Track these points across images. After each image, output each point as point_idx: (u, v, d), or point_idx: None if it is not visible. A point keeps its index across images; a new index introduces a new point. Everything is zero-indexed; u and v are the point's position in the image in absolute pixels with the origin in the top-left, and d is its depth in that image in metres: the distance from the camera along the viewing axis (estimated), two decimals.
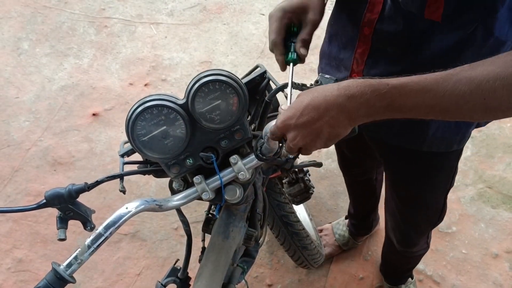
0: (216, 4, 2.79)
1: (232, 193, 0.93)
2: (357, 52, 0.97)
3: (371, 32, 0.91)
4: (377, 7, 0.87)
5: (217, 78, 0.81)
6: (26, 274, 1.91)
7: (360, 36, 0.94)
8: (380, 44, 0.92)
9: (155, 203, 0.86)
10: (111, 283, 1.88)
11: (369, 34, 0.92)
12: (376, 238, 1.97)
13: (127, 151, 0.96)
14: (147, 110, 0.81)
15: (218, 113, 0.84)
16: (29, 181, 2.13)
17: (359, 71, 0.98)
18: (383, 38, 0.90)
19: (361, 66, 0.98)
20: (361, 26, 0.92)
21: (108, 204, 2.05)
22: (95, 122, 2.32)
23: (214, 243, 0.99)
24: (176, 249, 1.96)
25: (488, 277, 1.86)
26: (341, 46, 1.03)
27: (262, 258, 1.92)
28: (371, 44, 0.93)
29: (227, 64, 2.52)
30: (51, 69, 2.52)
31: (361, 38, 0.94)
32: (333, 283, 1.87)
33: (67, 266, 0.78)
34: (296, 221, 1.48)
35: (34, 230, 2.00)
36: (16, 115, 2.34)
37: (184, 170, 0.89)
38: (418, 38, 0.85)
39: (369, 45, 0.94)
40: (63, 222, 0.85)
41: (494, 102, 0.60)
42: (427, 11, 0.78)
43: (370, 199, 1.79)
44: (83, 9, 2.77)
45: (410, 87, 0.64)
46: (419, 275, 1.87)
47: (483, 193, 2.05)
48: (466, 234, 1.96)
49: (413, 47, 0.87)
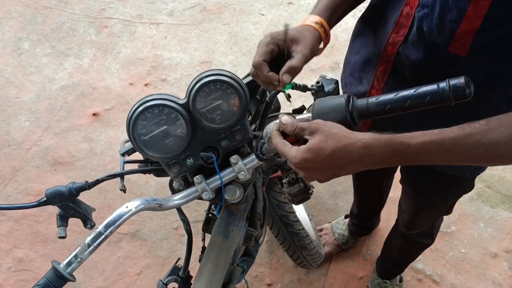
0: (216, 5, 2.79)
1: (232, 193, 0.94)
2: (378, 69, 0.96)
3: (394, 53, 0.90)
4: (403, 30, 0.85)
5: (218, 78, 0.82)
6: (27, 273, 1.91)
7: (383, 55, 0.93)
8: (401, 68, 0.91)
9: (155, 202, 0.87)
10: (111, 282, 1.89)
11: (392, 55, 0.90)
12: (376, 238, 1.97)
13: (127, 150, 0.96)
14: (148, 110, 0.81)
15: (219, 113, 0.84)
16: (29, 181, 2.13)
17: (379, 88, 0.97)
18: (404, 62, 0.89)
19: (381, 84, 0.97)
20: (385, 45, 0.91)
21: (109, 203, 2.06)
22: (95, 122, 2.32)
23: (214, 243, 1.00)
24: (176, 249, 1.96)
25: (487, 276, 1.86)
26: (365, 61, 1.02)
27: (262, 258, 1.93)
28: (393, 64, 0.92)
29: (227, 64, 2.52)
30: (52, 69, 2.52)
31: (383, 57, 0.93)
32: (332, 283, 1.88)
33: (67, 265, 0.78)
34: (296, 220, 1.49)
35: (35, 230, 2.01)
36: (16, 115, 2.35)
37: (184, 170, 0.89)
38: (438, 69, 0.83)
39: (391, 66, 0.92)
40: (64, 220, 0.86)
41: (508, 160, 0.65)
42: (453, 44, 0.76)
43: (376, 203, 1.79)
44: (83, 9, 2.78)
45: (428, 148, 0.66)
46: (418, 275, 1.88)
47: (482, 192, 2.06)
48: (465, 233, 1.96)
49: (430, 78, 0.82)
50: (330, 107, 0.73)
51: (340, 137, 0.68)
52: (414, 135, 0.67)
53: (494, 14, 0.68)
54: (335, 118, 0.72)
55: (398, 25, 0.86)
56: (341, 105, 0.72)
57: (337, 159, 0.68)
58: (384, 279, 1.78)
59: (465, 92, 0.64)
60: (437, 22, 0.76)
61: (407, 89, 0.70)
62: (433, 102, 0.67)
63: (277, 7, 2.79)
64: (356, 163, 0.69)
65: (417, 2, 0.79)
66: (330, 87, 0.84)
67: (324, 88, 0.84)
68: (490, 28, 0.71)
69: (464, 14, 0.71)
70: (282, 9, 2.78)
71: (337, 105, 0.73)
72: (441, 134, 0.65)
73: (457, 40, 0.75)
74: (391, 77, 0.94)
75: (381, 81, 0.96)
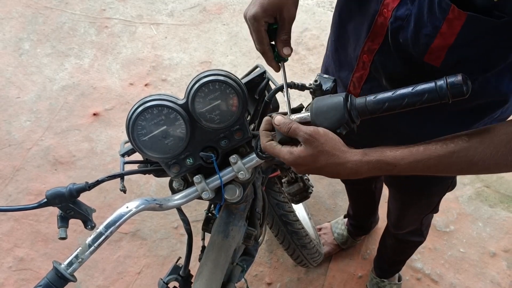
0: (215, 5, 2.80)
1: (231, 192, 0.94)
2: (354, 75, 0.96)
3: (370, 60, 0.90)
4: (379, 38, 0.85)
5: (217, 78, 0.82)
6: (27, 272, 1.92)
7: (359, 62, 0.93)
8: (377, 75, 0.91)
9: (155, 202, 0.87)
10: (111, 281, 1.90)
11: (368, 62, 0.90)
12: (375, 237, 1.98)
13: (127, 150, 0.97)
14: (148, 110, 0.82)
15: (218, 113, 0.85)
16: (30, 180, 2.14)
17: (355, 94, 0.97)
18: (380, 70, 0.89)
19: (357, 90, 0.97)
20: (361, 52, 0.91)
21: (109, 203, 2.06)
22: (96, 122, 2.33)
23: (214, 242, 1.00)
24: (176, 248, 1.97)
25: (486, 275, 1.87)
26: (341, 65, 1.02)
27: (262, 257, 1.94)
28: (369, 72, 0.92)
29: (227, 64, 2.53)
30: (52, 69, 2.53)
31: (359, 64, 0.93)
32: (332, 282, 1.88)
33: (68, 265, 0.79)
34: (295, 220, 1.49)
35: (35, 229, 2.01)
36: (17, 115, 2.35)
37: (184, 170, 0.90)
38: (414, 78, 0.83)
39: (367, 72, 0.92)
40: (64, 221, 0.86)
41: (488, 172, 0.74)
42: (427, 56, 0.77)
43: (369, 204, 1.80)
44: (83, 9, 2.78)
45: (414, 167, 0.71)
46: (417, 274, 1.89)
47: (481, 192, 2.06)
48: (464, 233, 1.97)
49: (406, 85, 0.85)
50: (329, 106, 0.74)
51: (331, 155, 0.72)
52: (402, 155, 0.71)
53: (466, 33, 0.69)
54: (333, 116, 0.73)
55: (374, 32, 0.85)
56: (339, 103, 0.73)
57: (327, 172, 0.74)
58: (382, 278, 1.79)
59: (463, 89, 0.65)
60: (412, 36, 0.76)
61: (404, 87, 0.70)
62: (431, 99, 0.68)
63: None
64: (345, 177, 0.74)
65: (390, 13, 0.79)
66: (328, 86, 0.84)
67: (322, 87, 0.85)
68: (462, 45, 0.72)
69: (438, 30, 0.72)
70: None
71: (335, 104, 0.73)
72: (426, 153, 0.70)
73: (430, 54, 0.76)
74: (367, 83, 0.94)
75: (357, 87, 0.97)
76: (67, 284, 0.79)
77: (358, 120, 0.74)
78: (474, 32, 0.69)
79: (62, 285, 0.78)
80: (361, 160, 0.71)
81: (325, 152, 0.71)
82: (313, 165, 0.73)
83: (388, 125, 0.96)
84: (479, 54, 0.74)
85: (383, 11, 0.81)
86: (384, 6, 0.80)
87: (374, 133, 0.99)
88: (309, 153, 0.71)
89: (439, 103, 0.67)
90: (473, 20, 0.67)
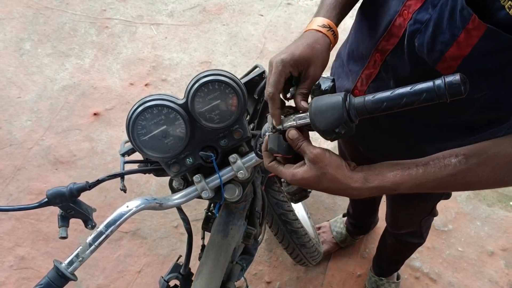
0: (215, 5, 2.80)
1: (231, 191, 0.95)
2: (364, 72, 0.96)
3: (381, 60, 0.89)
4: (394, 39, 0.85)
5: (216, 78, 0.83)
6: (28, 271, 1.93)
7: (371, 59, 0.92)
8: (386, 76, 0.90)
9: (155, 201, 0.88)
10: (112, 280, 1.91)
11: (379, 61, 0.90)
12: (374, 236, 1.99)
13: (127, 150, 0.97)
14: (148, 110, 0.82)
15: (217, 113, 0.85)
16: (31, 180, 2.15)
17: (362, 90, 0.97)
18: (390, 72, 0.89)
19: (364, 87, 0.97)
20: (374, 50, 0.90)
21: (109, 202, 2.07)
22: (96, 121, 2.34)
23: (214, 241, 1.01)
24: (176, 247, 1.98)
25: (484, 274, 1.88)
26: (354, 59, 1.01)
27: (261, 256, 1.94)
28: (379, 71, 0.91)
29: (227, 64, 2.54)
30: (53, 69, 2.53)
31: (371, 61, 0.92)
32: (331, 281, 1.89)
33: (68, 264, 0.79)
34: (295, 219, 1.50)
35: (36, 228, 2.02)
36: (18, 115, 2.36)
37: (184, 169, 0.90)
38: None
39: (377, 71, 0.92)
40: (65, 220, 0.86)
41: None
42: (439, 65, 0.76)
43: (369, 205, 1.81)
44: (84, 10, 2.79)
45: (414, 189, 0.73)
46: (416, 272, 1.89)
47: (479, 191, 2.07)
48: (462, 232, 1.98)
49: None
50: (327, 106, 0.74)
51: (333, 180, 0.73)
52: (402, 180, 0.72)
53: (483, 45, 0.69)
54: (332, 116, 0.73)
55: (389, 33, 0.85)
56: (338, 103, 0.73)
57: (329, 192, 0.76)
58: (381, 277, 1.80)
59: (461, 89, 0.65)
60: (428, 41, 0.76)
61: (403, 86, 0.71)
62: (429, 99, 0.68)
63: (276, 8, 2.80)
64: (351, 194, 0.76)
65: (410, 15, 0.79)
66: (326, 85, 0.84)
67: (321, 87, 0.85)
68: (477, 57, 0.72)
69: (456, 39, 0.71)
70: (281, 9, 2.79)
71: (334, 103, 0.73)
72: (425, 176, 0.72)
73: (443, 62, 0.75)
74: (375, 82, 0.94)
75: (364, 84, 0.96)
76: (67, 283, 0.79)
77: (356, 120, 0.74)
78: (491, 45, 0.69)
79: (63, 283, 0.78)
80: (361, 188, 0.73)
81: (328, 175, 0.73)
82: (315, 186, 0.75)
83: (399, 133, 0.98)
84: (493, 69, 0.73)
85: (403, 12, 0.81)
86: (405, 7, 0.80)
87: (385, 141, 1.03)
88: (313, 174, 0.73)
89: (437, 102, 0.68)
90: (492, 34, 0.66)
